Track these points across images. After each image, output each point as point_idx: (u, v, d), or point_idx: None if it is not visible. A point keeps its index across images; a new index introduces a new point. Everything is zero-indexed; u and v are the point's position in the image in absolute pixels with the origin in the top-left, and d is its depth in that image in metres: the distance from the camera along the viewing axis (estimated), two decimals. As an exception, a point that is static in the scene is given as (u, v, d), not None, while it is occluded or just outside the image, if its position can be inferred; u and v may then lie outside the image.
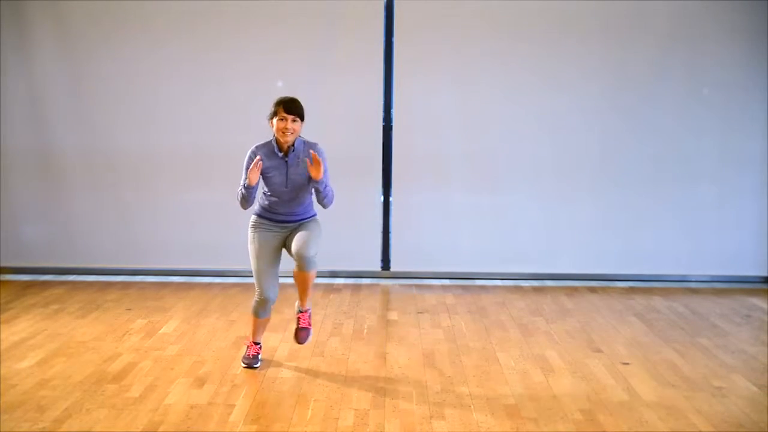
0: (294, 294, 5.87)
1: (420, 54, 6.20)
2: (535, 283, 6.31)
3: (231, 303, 5.62)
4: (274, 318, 5.22)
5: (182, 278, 6.36)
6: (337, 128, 6.13)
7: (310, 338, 4.30)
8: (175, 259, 6.41)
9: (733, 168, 6.29)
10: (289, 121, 3.96)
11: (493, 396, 3.88)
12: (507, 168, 6.32)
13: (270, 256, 4.14)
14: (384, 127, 6.26)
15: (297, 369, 4.24)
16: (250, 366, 4.26)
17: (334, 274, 6.40)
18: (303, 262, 3.96)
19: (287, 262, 4.16)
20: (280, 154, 4.04)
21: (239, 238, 6.35)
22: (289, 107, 3.96)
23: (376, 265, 6.40)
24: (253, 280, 4.17)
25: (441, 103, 6.23)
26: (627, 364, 4.38)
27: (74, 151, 6.29)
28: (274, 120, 3.99)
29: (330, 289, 6.06)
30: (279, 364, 4.31)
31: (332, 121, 6.16)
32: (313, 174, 3.95)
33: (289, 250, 4.11)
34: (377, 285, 6.21)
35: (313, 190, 4.10)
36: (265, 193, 4.16)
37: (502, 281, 6.35)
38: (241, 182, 4.05)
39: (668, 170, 6.30)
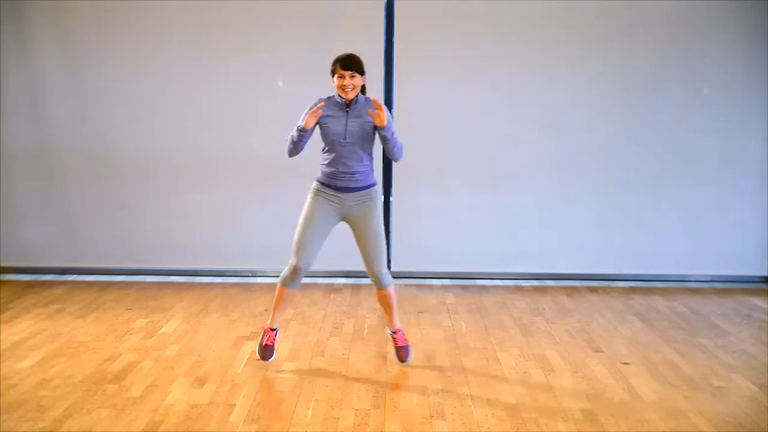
0: (297, 296, 5.89)
1: (420, 54, 6.20)
2: (535, 283, 6.31)
3: (231, 303, 5.62)
4: (275, 318, 5.24)
5: (182, 278, 6.36)
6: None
7: (411, 355, 4.30)
8: (175, 259, 6.41)
9: (734, 168, 6.28)
10: (348, 77, 4.01)
11: (493, 396, 3.88)
12: (507, 168, 6.31)
13: (318, 227, 4.13)
14: (384, 126, 6.25)
15: (297, 369, 4.24)
16: (263, 359, 4.26)
17: (334, 274, 6.40)
18: (379, 280, 4.15)
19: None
20: (343, 102, 4.08)
21: (240, 238, 6.43)
22: (346, 63, 4.02)
23: (376, 265, 6.39)
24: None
25: (441, 103, 6.22)
26: (627, 364, 4.38)
27: (74, 151, 6.28)
28: (335, 78, 4.05)
29: (330, 289, 6.06)
30: (279, 364, 4.30)
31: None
32: (377, 121, 3.98)
33: (362, 246, 4.15)
34: (377, 285, 6.20)
35: (381, 144, 4.12)
36: (323, 152, 4.16)
37: (502, 281, 6.35)
38: (297, 125, 4.06)
39: (668, 170, 6.30)
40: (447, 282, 6.27)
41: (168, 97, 6.24)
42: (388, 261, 6.44)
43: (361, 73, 4.07)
